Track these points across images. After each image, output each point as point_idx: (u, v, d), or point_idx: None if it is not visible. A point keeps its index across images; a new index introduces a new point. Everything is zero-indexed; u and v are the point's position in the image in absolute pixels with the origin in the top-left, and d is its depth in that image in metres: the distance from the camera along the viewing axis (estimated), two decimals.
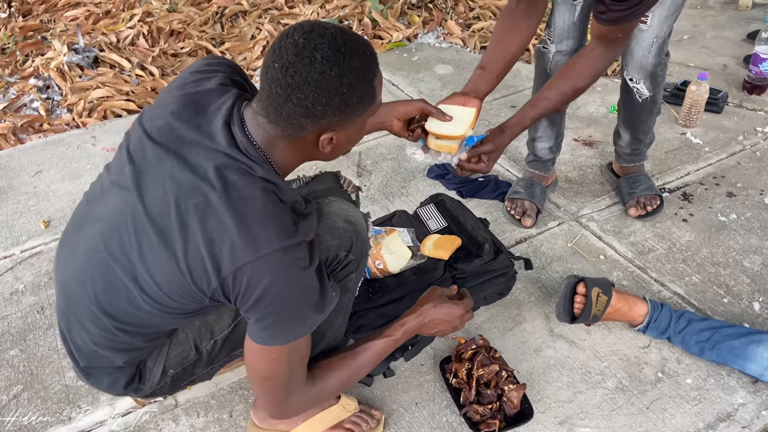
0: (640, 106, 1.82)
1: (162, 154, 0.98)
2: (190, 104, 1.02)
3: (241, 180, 0.95)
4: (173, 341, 1.17)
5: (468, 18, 3.40)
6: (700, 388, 1.44)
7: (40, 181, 2.24)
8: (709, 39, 3.05)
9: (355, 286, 1.21)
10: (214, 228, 0.92)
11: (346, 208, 1.15)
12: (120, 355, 1.12)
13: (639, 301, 1.53)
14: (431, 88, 2.77)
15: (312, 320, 1.02)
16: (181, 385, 1.25)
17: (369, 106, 1.00)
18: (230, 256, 0.91)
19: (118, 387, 1.17)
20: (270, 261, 0.92)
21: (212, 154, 0.96)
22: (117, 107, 2.68)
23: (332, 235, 1.10)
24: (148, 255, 0.97)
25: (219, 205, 0.92)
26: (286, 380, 1.07)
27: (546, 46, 1.77)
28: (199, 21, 3.38)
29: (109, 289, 1.03)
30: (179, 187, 0.95)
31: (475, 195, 2.08)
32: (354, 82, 0.94)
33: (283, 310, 0.97)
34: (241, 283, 0.93)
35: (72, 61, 2.92)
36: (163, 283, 0.98)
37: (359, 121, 1.01)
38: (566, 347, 1.54)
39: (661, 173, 2.15)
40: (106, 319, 1.05)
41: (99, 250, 1.03)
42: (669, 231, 1.90)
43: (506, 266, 1.65)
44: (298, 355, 1.06)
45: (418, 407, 1.42)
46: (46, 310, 1.70)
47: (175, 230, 0.94)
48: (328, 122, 0.96)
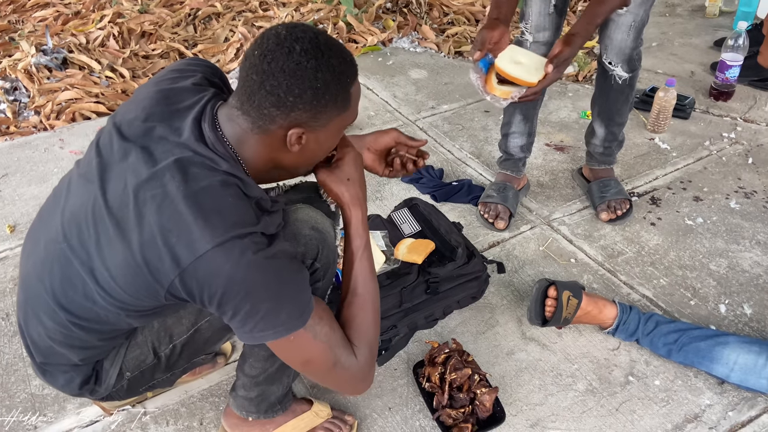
0: (618, 91, 1.85)
1: (129, 148, 0.97)
2: (162, 100, 1.02)
3: (203, 173, 0.93)
4: (131, 343, 1.14)
5: (442, 23, 3.43)
6: (668, 389, 1.46)
7: (5, 185, 2.19)
8: (677, 46, 3.12)
9: (323, 294, 1.17)
10: (171, 218, 0.90)
11: (314, 215, 1.12)
12: (76, 352, 1.09)
13: (608, 304, 1.55)
14: (406, 92, 2.78)
15: (300, 298, 0.96)
16: (139, 390, 1.21)
17: (342, 111, 0.99)
18: (188, 246, 0.89)
19: (74, 386, 1.14)
20: (230, 247, 0.89)
21: (177, 149, 0.95)
22: (86, 109, 2.63)
23: (298, 243, 1.06)
24: (106, 247, 0.96)
25: (176, 196, 0.90)
26: (330, 355, 1.01)
27: (523, 37, 1.80)
28: (171, 23, 3.34)
29: (66, 282, 1.01)
30: (138, 179, 0.94)
31: (448, 199, 2.09)
32: (329, 80, 0.93)
33: (259, 296, 0.92)
34: (200, 276, 0.90)
35: (40, 63, 2.86)
36: (119, 276, 0.96)
37: (331, 127, 1.00)
38: (538, 350, 1.56)
39: (630, 178, 2.18)
40: (62, 313, 1.03)
41: (59, 241, 1.01)
42: (638, 235, 1.93)
43: (479, 270, 1.66)
44: (322, 325, 0.99)
45: (392, 412, 1.42)
46: (11, 317, 1.66)
47: (132, 221, 0.93)
48: (298, 117, 0.95)
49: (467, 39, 3.24)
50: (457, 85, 2.83)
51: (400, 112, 2.62)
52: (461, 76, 2.89)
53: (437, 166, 2.25)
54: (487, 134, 2.46)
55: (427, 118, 2.58)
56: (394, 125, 2.52)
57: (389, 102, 2.70)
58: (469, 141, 2.42)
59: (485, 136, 2.44)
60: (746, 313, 1.66)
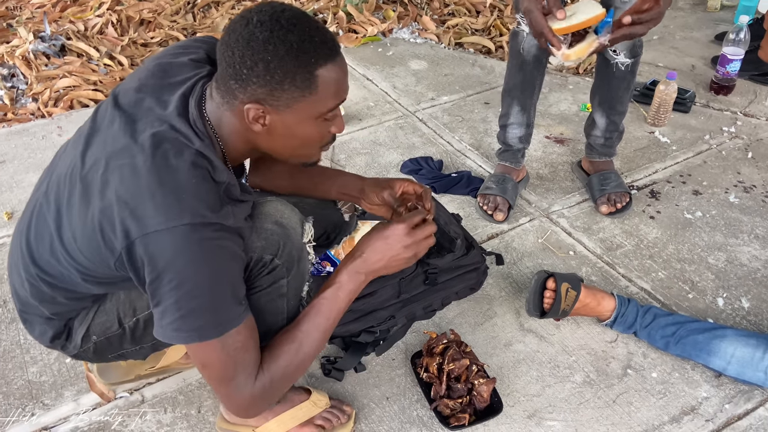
0: (620, 78, 1.85)
1: (117, 116, 0.99)
2: (158, 73, 1.03)
3: (173, 150, 0.94)
4: (100, 308, 1.14)
5: (443, 14, 3.41)
6: (665, 381, 1.46)
7: (3, 172, 2.18)
8: (678, 40, 3.11)
9: (294, 292, 1.14)
10: (131, 190, 0.91)
11: (282, 210, 1.09)
12: (45, 306, 1.12)
13: (607, 296, 1.55)
14: (406, 83, 2.77)
15: (227, 308, 0.95)
16: (108, 356, 1.22)
17: (306, 93, 0.95)
18: (139, 221, 0.90)
19: (46, 338, 1.17)
20: (178, 233, 0.89)
21: (157, 123, 0.96)
22: (84, 97, 2.61)
23: (258, 236, 1.04)
24: (73, 207, 0.99)
25: (142, 169, 0.91)
26: (231, 369, 0.99)
27: (519, 27, 1.79)
28: (170, 10, 3.32)
29: (39, 237, 1.05)
30: (114, 148, 0.96)
31: (448, 190, 2.09)
32: (284, 55, 0.91)
33: (192, 293, 0.91)
34: (145, 253, 0.90)
35: (38, 49, 2.84)
36: (78, 237, 0.98)
37: (297, 111, 0.96)
38: (536, 342, 1.56)
39: (630, 171, 2.18)
40: (33, 267, 1.07)
41: (39, 199, 1.07)
42: (637, 228, 1.93)
43: (478, 261, 1.66)
44: (236, 341, 0.97)
45: (389, 402, 1.42)
46: (9, 304, 1.66)
47: (97, 187, 0.95)
48: (255, 92, 0.94)
49: (467, 30, 3.22)
50: (457, 76, 2.81)
51: (399, 103, 2.61)
52: (461, 68, 2.88)
53: (436, 158, 2.24)
54: (486, 126, 2.45)
55: (426, 109, 2.57)
56: (393, 116, 2.52)
57: (389, 93, 2.69)
58: (468, 133, 2.41)
59: (485, 128, 2.44)
60: (744, 306, 1.66)
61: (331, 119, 1.03)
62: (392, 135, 2.40)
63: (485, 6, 3.39)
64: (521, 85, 1.89)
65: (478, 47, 3.10)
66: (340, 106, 1.03)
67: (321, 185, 1.33)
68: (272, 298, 1.09)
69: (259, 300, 1.08)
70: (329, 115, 1.01)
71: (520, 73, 1.87)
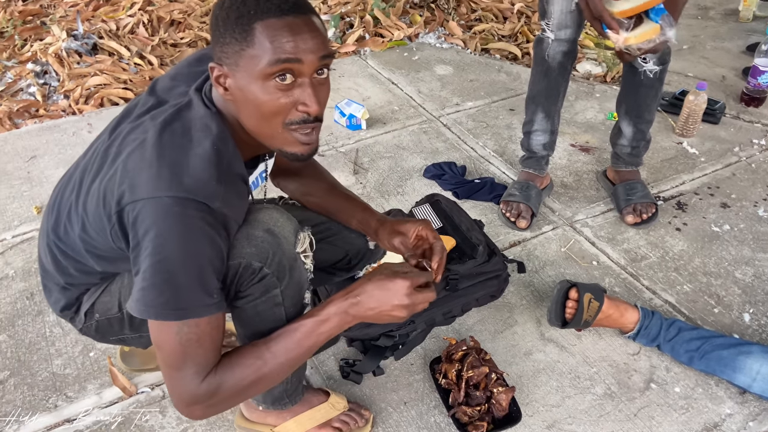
0: (648, 86, 1.83)
1: (149, 100, 1.04)
2: (194, 62, 1.10)
3: (182, 127, 0.96)
4: (107, 288, 1.16)
5: (470, 19, 3.40)
6: (688, 397, 1.44)
7: (34, 167, 2.23)
8: (708, 50, 3.06)
9: (292, 301, 1.10)
10: (134, 161, 0.94)
11: (276, 218, 1.07)
12: (59, 275, 1.15)
13: (630, 308, 1.53)
14: (431, 88, 2.76)
15: (192, 295, 0.92)
16: (109, 338, 1.23)
17: (244, 45, 0.90)
18: (131, 188, 0.92)
19: (58, 306, 1.20)
20: (158, 204, 0.89)
21: (179, 98, 1.02)
22: (114, 95, 2.66)
23: (248, 243, 1.01)
24: (90, 176, 1.02)
25: (148, 143, 0.94)
26: (179, 358, 0.95)
27: (545, 34, 1.78)
28: (200, 12, 3.36)
29: (62, 206, 1.09)
30: (133, 125, 1.00)
31: (470, 196, 2.08)
32: (228, 8, 0.91)
33: (160, 265, 0.90)
34: (131, 219, 0.92)
35: (71, 48, 2.90)
36: (88, 204, 1.01)
37: (243, 68, 0.92)
38: (556, 351, 1.55)
39: (657, 181, 2.15)
40: (52, 234, 1.11)
41: (72, 171, 1.12)
42: (662, 239, 1.91)
43: (499, 269, 1.65)
44: (192, 333, 0.94)
45: (407, 407, 1.42)
46: (36, 297, 1.69)
47: (111, 157, 0.99)
48: (215, 52, 0.96)
49: (494, 36, 3.22)
50: (483, 82, 2.81)
51: (424, 108, 2.61)
52: (487, 74, 2.88)
53: (460, 163, 2.24)
54: (511, 132, 2.44)
55: (451, 114, 2.57)
56: (417, 120, 2.52)
57: (413, 97, 2.69)
58: (492, 139, 2.41)
59: (509, 135, 2.43)
60: None
61: (288, 90, 0.93)
62: (416, 139, 2.40)
63: (512, 12, 3.38)
64: (546, 91, 1.88)
65: (505, 53, 3.10)
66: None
67: (344, 213, 1.32)
68: (268, 307, 1.08)
69: (256, 309, 1.07)
70: (277, 78, 0.92)
71: (545, 80, 1.86)
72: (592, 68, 2.90)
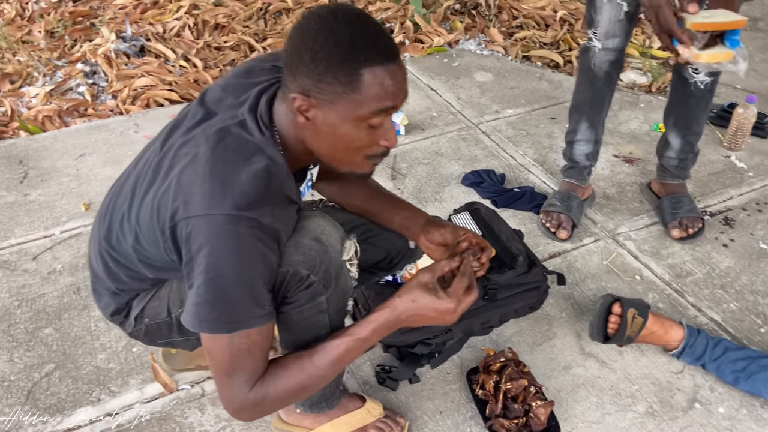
0: (698, 97, 1.79)
1: (199, 111, 1.05)
2: (243, 74, 1.09)
3: (234, 144, 0.97)
4: (156, 293, 1.18)
5: (511, 26, 3.38)
6: (732, 418, 1.40)
7: (82, 164, 2.29)
8: (757, 62, 2.98)
9: (335, 307, 1.11)
10: (188, 177, 0.95)
11: (323, 226, 1.08)
12: (110, 281, 1.17)
13: (675, 325, 1.50)
14: (470, 95, 2.75)
15: (244, 308, 0.95)
16: (158, 341, 1.25)
17: (348, 90, 0.92)
18: (185, 204, 0.94)
19: (108, 311, 1.22)
20: (211, 221, 0.91)
21: (230, 118, 1.01)
22: (160, 96, 2.72)
23: (296, 251, 1.03)
24: (143, 189, 1.04)
25: (201, 159, 0.96)
26: (229, 366, 0.98)
27: (591, 43, 1.76)
28: (243, 16, 3.42)
29: (114, 214, 1.11)
30: (186, 138, 1.01)
31: (509, 205, 2.06)
32: (331, 47, 0.91)
33: (213, 282, 0.93)
34: (185, 235, 0.93)
35: (119, 49, 2.98)
36: (141, 216, 1.03)
37: (339, 108, 0.93)
38: (597, 367, 1.52)
39: (703, 196, 2.10)
40: (104, 242, 1.13)
41: (123, 179, 1.14)
42: (708, 255, 1.86)
43: (539, 280, 1.63)
44: (243, 343, 0.97)
45: (443, 416, 1.41)
46: (82, 291, 1.74)
47: (164, 170, 1.00)
48: (303, 82, 0.94)
49: (536, 43, 3.19)
50: (523, 89, 2.78)
51: (463, 115, 2.60)
52: (528, 81, 2.85)
53: (499, 171, 2.22)
54: (552, 141, 2.41)
55: (490, 122, 2.55)
56: (456, 127, 2.51)
57: (452, 104, 2.68)
58: (533, 147, 2.38)
59: (550, 144, 2.40)
60: None
61: (378, 128, 0.97)
62: (454, 146, 2.39)
63: (555, 20, 3.35)
64: (590, 101, 1.85)
65: (546, 61, 3.06)
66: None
67: (386, 213, 1.32)
68: (313, 314, 1.09)
69: (301, 315, 1.09)
70: (374, 122, 0.96)
71: (590, 89, 1.84)
72: (637, 78, 2.85)
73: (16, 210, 2.06)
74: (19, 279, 1.78)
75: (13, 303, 1.70)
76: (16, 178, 2.21)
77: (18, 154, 2.34)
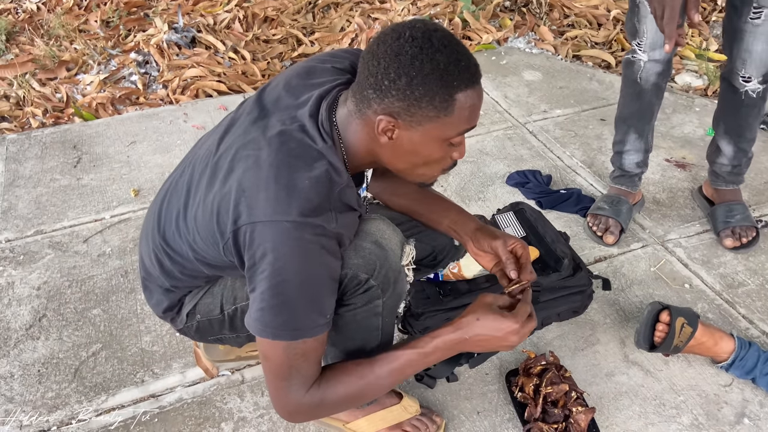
0: (750, 105, 1.72)
1: (256, 110, 1.05)
2: (303, 74, 1.08)
3: (297, 149, 0.97)
4: (209, 290, 1.19)
5: (562, 25, 3.32)
6: None
7: (133, 151, 2.35)
8: None
9: (390, 311, 1.13)
10: (250, 181, 0.95)
11: (383, 230, 1.09)
12: (164, 278, 1.17)
13: (725, 336, 1.44)
14: (518, 93, 2.71)
15: (307, 316, 0.96)
16: (208, 337, 1.27)
17: (441, 115, 0.94)
18: (250, 210, 0.93)
19: (160, 308, 1.23)
20: (277, 228, 0.91)
21: (289, 120, 1.00)
22: (209, 87, 2.77)
23: (356, 254, 1.04)
24: (201, 188, 1.04)
25: (264, 163, 0.95)
26: (286, 370, 0.99)
27: (636, 56, 1.70)
28: (292, 9, 3.45)
29: (169, 212, 1.12)
30: (245, 140, 1.01)
31: (555, 207, 2.02)
32: (428, 73, 0.91)
33: (278, 288, 0.93)
34: (248, 240, 0.94)
35: (171, 40, 3.04)
36: (199, 216, 1.03)
37: (428, 130, 0.96)
38: (641, 375, 1.48)
39: (758, 204, 2.02)
40: (159, 239, 1.14)
41: (176, 176, 1.14)
42: (762, 266, 1.78)
43: (584, 284, 1.60)
44: (300, 349, 0.98)
45: (480, 416, 1.39)
46: (130, 275, 1.78)
47: (223, 172, 1.00)
48: (391, 105, 0.94)
49: (587, 43, 3.12)
50: (573, 90, 2.73)
51: (509, 114, 2.56)
52: (578, 81, 2.79)
53: (545, 172, 2.18)
54: (601, 143, 2.36)
55: (537, 121, 2.51)
56: (502, 126, 2.48)
57: (500, 102, 2.65)
58: (580, 149, 2.33)
59: (599, 146, 2.34)
60: None
61: (457, 144, 1.01)
62: (500, 145, 2.36)
63: (608, 19, 3.27)
64: (638, 113, 1.80)
65: (597, 61, 3.00)
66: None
67: (434, 214, 1.30)
68: (367, 316, 1.10)
69: (355, 317, 1.09)
70: (456, 140, 0.99)
71: (637, 102, 1.78)
72: (692, 80, 2.76)
73: (69, 193, 2.13)
74: (71, 260, 1.84)
75: (64, 283, 1.76)
76: (70, 163, 2.28)
77: (72, 139, 2.42)
